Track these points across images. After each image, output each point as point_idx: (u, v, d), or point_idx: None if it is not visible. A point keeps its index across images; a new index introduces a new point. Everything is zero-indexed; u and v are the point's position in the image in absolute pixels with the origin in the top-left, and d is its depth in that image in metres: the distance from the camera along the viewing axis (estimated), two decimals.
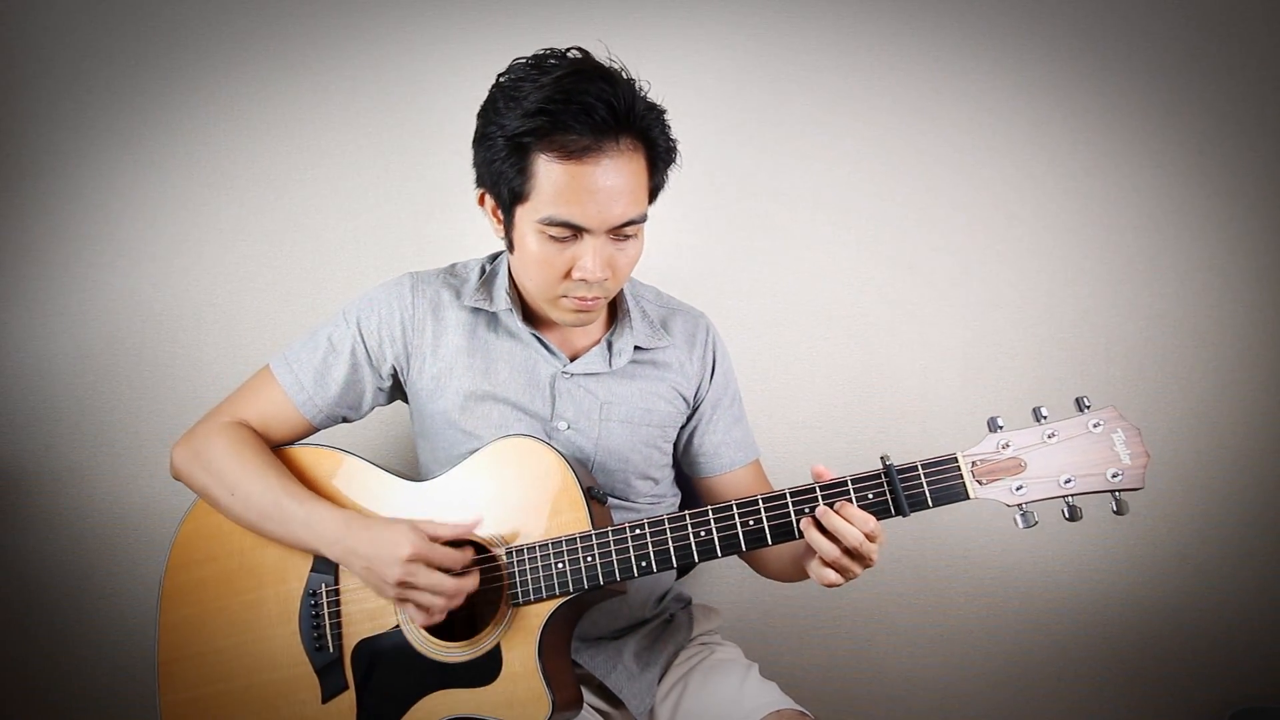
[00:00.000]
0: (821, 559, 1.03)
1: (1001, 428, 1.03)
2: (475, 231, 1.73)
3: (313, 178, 1.73)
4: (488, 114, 1.11)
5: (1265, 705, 1.80)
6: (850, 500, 1.03)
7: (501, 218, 1.16)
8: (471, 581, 1.09)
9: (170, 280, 1.71)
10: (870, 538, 1.01)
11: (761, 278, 1.79)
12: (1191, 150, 1.82)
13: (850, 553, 1.02)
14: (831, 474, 1.05)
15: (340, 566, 1.16)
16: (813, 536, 1.03)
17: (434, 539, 1.10)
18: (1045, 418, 1.02)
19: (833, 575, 1.04)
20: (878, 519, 1.03)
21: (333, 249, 1.73)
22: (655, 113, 1.11)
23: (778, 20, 1.78)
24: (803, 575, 1.12)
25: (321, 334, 1.26)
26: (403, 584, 1.07)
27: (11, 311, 1.68)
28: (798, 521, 1.04)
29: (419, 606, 1.08)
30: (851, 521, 1.01)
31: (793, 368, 1.79)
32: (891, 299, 1.80)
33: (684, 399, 1.31)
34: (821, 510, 1.02)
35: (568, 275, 1.12)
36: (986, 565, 1.80)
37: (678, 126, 1.15)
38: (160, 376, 1.70)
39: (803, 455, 1.79)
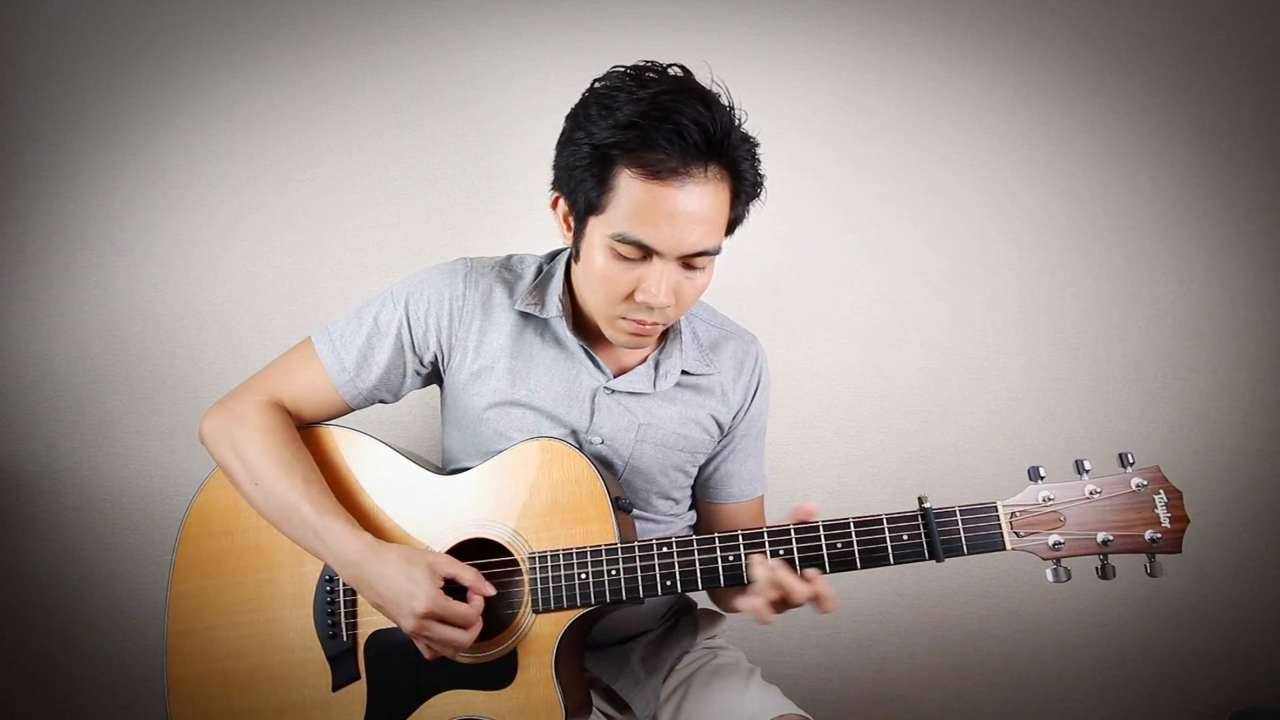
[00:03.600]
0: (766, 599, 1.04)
1: (1043, 478, 1.02)
2: (478, 232, 1.73)
3: (313, 178, 1.73)
4: (577, 118, 1.07)
5: (1266, 705, 1.80)
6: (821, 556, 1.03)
7: (572, 225, 1.12)
8: (477, 631, 1.08)
9: (170, 280, 1.71)
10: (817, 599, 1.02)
11: (762, 278, 1.79)
12: (1190, 151, 1.82)
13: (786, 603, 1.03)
14: (818, 513, 1.05)
15: None
16: (763, 581, 1.02)
17: (452, 579, 1.08)
18: (1088, 471, 1.01)
19: (770, 615, 1.04)
20: (912, 561, 1.02)
21: (333, 249, 1.73)
22: (748, 145, 1.08)
23: (776, 20, 1.78)
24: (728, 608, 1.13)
25: (367, 313, 1.21)
26: (414, 632, 1.07)
27: (11, 311, 1.68)
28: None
29: (427, 646, 1.09)
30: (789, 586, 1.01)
31: (793, 368, 1.79)
32: (892, 299, 1.80)
33: (720, 425, 1.29)
34: (777, 562, 1.02)
35: (630, 297, 1.08)
36: (986, 565, 1.80)
37: None
38: (160, 376, 1.70)
39: (802, 455, 1.79)
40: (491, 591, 1.10)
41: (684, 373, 1.24)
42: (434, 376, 1.28)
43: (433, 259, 1.42)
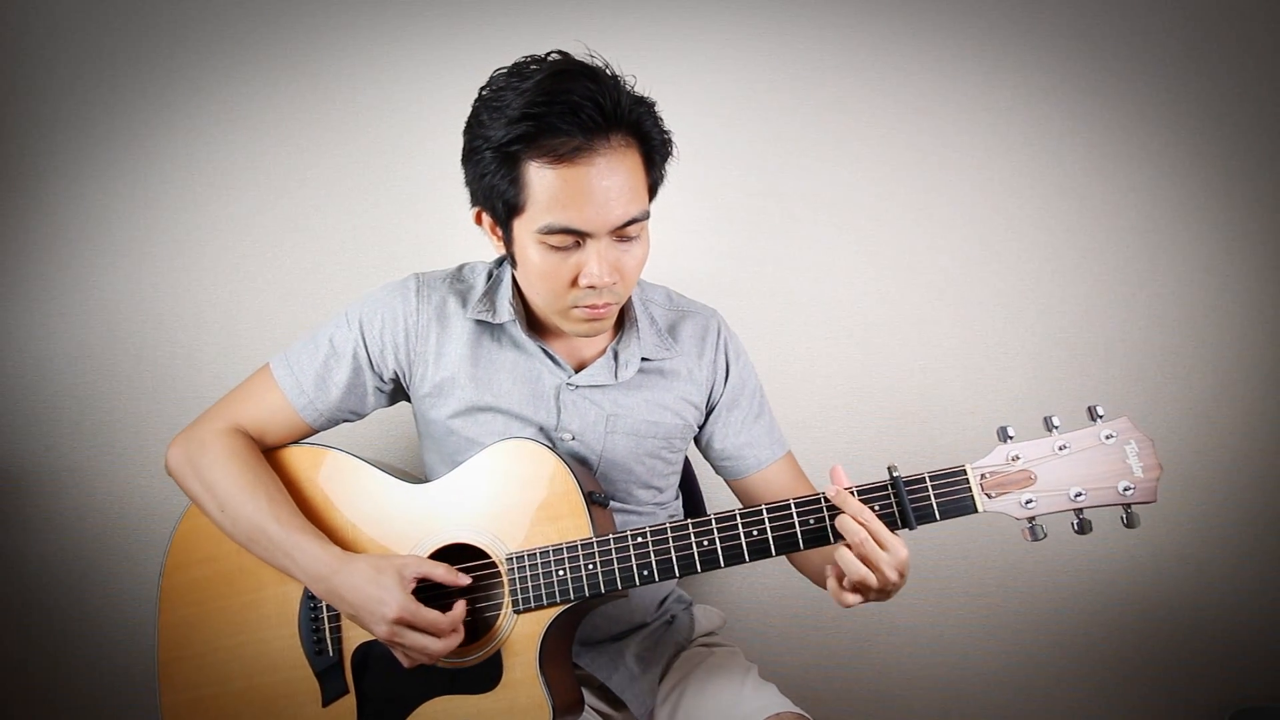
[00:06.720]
0: (839, 574, 1.01)
1: (1012, 438, 1.00)
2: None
3: (313, 178, 1.73)
4: (473, 128, 1.08)
5: (1265, 705, 1.80)
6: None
7: (500, 234, 1.12)
8: (456, 639, 1.08)
9: (170, 280, 1.71)
10: (881, 545, 0.97)
11: (762, 277, 1.79)
12: (1190, 151, 1.82)
13: (867, 562, 0.98)
14: (846, 479, 1.01)
15: None
16: (841, 553, 0.99)
17: (424, 579, 1.08)
18: (1056, 428, 0.99)
19: (850, 598, 1.01)
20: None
21: (333, 249, 1.73)
22: (645, 106, 1.06)
23: (781, 20, 1.78)
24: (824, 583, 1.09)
25: (323, 335, 1.23)
26: (388, 640, 1.07)
27: (11, 311, 1.68)
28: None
29: (404, 654, 1.08)
30: (862, 520, 0.98)
31: (793, 368, 1.79)
32: (892, 298, 1.80)
33: (695, 407, 1.28)
34: (869, 515, 0.98)
35: (574, 284, 1.07)
36: (987, 566, 1.80)
37: (679, 126, 1.14)
38: (160, 376, 1.70)
39: (802, 455, 1.77)
40: (466, 581, 1.10)
41: (644, 359, 1.23)
42: (399, 394, 1.28)
43: (433, 260, 1.42)
